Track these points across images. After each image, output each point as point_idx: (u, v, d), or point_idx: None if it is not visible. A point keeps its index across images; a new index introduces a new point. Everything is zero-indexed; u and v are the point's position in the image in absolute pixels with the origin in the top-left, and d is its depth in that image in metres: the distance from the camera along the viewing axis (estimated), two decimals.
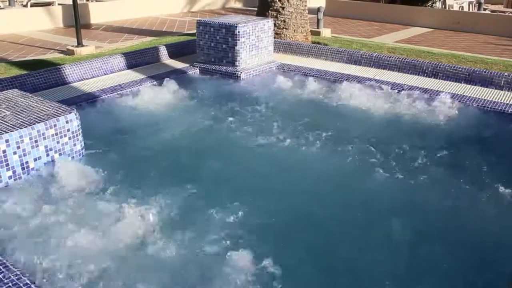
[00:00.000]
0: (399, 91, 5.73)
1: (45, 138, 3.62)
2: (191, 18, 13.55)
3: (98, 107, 5.21)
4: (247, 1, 17.23)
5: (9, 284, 2.29)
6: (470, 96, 5.54)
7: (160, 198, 3.36)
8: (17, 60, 8.10)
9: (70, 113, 3.80)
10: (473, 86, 5.93)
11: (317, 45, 7.82)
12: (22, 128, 3.48)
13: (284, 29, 8.91)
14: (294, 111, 5.35)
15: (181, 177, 3.69)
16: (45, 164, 3.66)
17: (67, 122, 3.75)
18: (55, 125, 3.67)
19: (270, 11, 8.93)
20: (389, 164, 4.02)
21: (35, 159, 3.59)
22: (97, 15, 12.58)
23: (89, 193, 3.41)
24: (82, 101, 5.21)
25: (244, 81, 6.34)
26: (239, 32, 6.30)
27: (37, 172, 3.60)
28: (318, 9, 10.74)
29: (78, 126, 3.86)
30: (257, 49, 6.67)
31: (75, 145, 3.86)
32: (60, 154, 3.76)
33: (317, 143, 4.42)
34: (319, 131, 4.66)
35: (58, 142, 3.72)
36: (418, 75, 6.38)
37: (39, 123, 3.59)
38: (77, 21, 8.83)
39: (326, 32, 10.75)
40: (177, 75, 6.32)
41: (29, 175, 3.56)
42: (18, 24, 11.05)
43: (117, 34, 10.87)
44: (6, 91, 4.26)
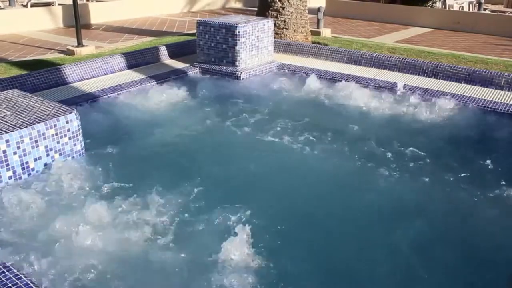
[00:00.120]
0: (398, 91, 5.73)
1: (45, 138, 3.62)
2: (191, 18, 13.55)
3: (98, 107, 5.21)
4: (247, 1, 17.23)
5: (9, 285, 2.29)
6: (470, 96, 5.54)
7: (160, 198, 3.36)
8: (17, 60, 8.10)
9: (70, 113, 3.80)
10: (473, 86, 5.93)
11: (317, 45, 7.82)
12: (22, 128, 3.48)
13: (284, 29, 8.91)
14: (294, 111, 5.35)
15: (181, 177, 3.69)
16: (45, 164, 3.66)
17: (67, 122, 3.75)
18: (55, 125, 3.67)
19: (270, 11, 8.93)
20: (389, 164, 4.02)
21: (35, 159, 3.59)
22: (97, 15, 12.59)
23: (89, 193, 3.41)
24: (82, 101, 5.21)
25: (244, 81, 6.34)
26: (239, 32, 6.30)
27: (37, 172, 3.60)
28: (318, 9, 10.74)
29: (78, 126, 3.86)
30: (257, 49, 6.67)
31: (75, 145, 3.86)
32: (60, 154, 3.77)
33: (317, 143, 4.42)
34: (319, 131, 4.66)
35: (58, 142, 3.72)
36: (418, 75, 6.38)
37: (39, 123, 3.59)
38: (77, 21, 8.83)
39: (326, 32, 10.76)
40: (177, 75, 6.33)
41: (29, 175, 3.56)
42: (18, 24, 11.05)
43: (117, 34, 10.87)
44: (6, 91, 4.26)
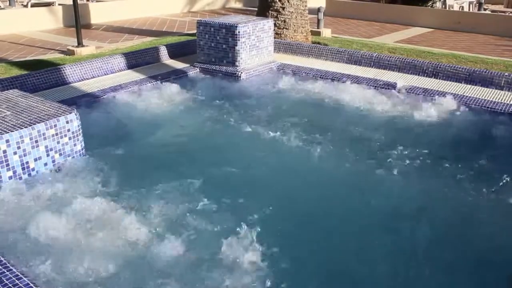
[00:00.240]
0: (398, 91, 5.73)
1: (45, 138, 3.62)
2: (191, 18, 13.55)
3: (99, 107, 5.21)
4: (247, 1, 17.23)
5: (9, 285, 2.29)
6: (470, 96, 5.54)
7: (160, 198, 3.37)
8: (17, 60, 8.10)
9: (71, 113, 3.80)
10: (473, 86, 5.93)
11: (317, 45, 7.82)
12: (22, 128, 3.48)
13: (285, 29, 8.91)
14: (294, 111, 5.35)
15: (181, 177, 3.69)
16: (45, 164, 3.66)
17: (67, 122, 3.75)
18: (55, 125, 3.67)
19: (270, 11, 8.93)
20: (389, 164, 4.02)
21: (35, 159, 3.59)
22: (98, 15, 12.59)
23: (89, 193, 3.41)
24: (82, 101, 5.21)
25: (245, 81, 6.34)
26: (239, 32, 6.30)
27: (37, 172, 3.60)
28: (318, 9, 10.74)
29: (79, 126, 3.86)
30: (257, 49, 6.67)
31: (75, 145, 3.86)
32: (61, 154, 3.76)
33: (317, 143, 4.41)
34: (319, 131, 4.66)
35: (58, 142, 3.72)
36: (419, 75, 6.38)
37: (39, 123, 3.59)
38: (77, 21, 8.83)
39: (326, 32, 10.76)
40: (177, 75, 6.33)
41: (29, 175, 3.56)
42: (18, 24, 11.05)
43: (117, 34, 10.87)
44: (7, 91, 4.26)
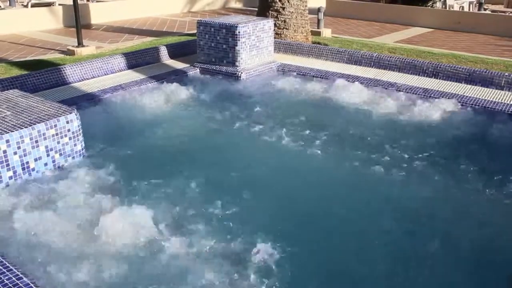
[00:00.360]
0: (399, 91, 5.73)
1: (45, 139, 3.62)
2: (191, 18, 13.55)
3: (99, 107, 5.21)
4: (247, 1, 17.23)
5: (10, 285, 2.29)
6: (470, 96, 5.54)
7: (160, 197, 3.37)
8: (17, 60, 8.10)
9: (71, 113, 3.80)
10: (473, 86, 5.93)
11: (318, 45, 7.82)
12: (22, 129, 3.48)
13: (285, 29, 8.91)
14: (294, 111, 5.35)
15: (181, 177, 3.69)
16: (46, 165, 3.66)
17: (67, 122, 3.75)
18: (55, 125, 3.67)
19: (270, 11, 8.93)
20: (389, 165, 4.02)
21: (35, 159, 3.59)
22: (98, 15, 12.59)
23: (90, 193, 3.41)
24: (82, 101, 5.21)
25: (245, 81, 6.34)
26: (239, 32, 6.30)
27: (37, 172, 3.60)
28: (319, 9, 10.74)
29: (79, 126, 3.86)
30: (257, 49, 6.67)
31: (75, 145, 3.86)
32: (61, 155, 3.77)
33: (317, 143, 4.41)
34: (319, 131, 4.66)
35: (58, 142, 3.72)
36: (419, 75, 6.37)
37: (39, 123, 3.59)
38: (77, 21, 8.83)
39: (326, 32, 10.76)
40: (177, 75, 6.33)
41: (29, 175, 3.56)
42: (18, 24, 11.05)
43: (117, 34, 10.87)
44: (7, 91, 4.27)
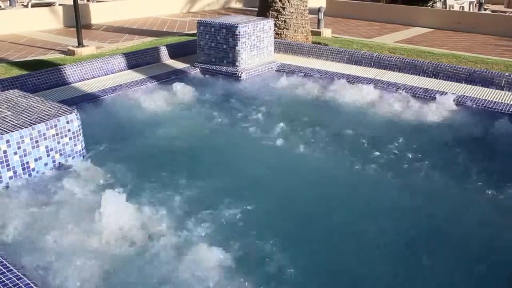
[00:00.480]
0: (399, 91, 5.73)
1: (45, 139, 3.62)
2: (191, 19, 13.55)
3: (99, 107, 5.21)
4: (247, 1, 17.23)
5: (10, 285, 2.29)
6: (470, 96, 5.53)
7: (160, 197, 3.37)
8: (17, 60, 8.10)
9: (71, 113, 3.80)
10: (473, 86, 5.93)
11: (318, 45, 7.82)
12: (22, 129, 3.48)
13: (285, 29, 8.91)
14: (294, 111, 5.35)
15: (181, 177, 3.69)
16: (46, 165, 3.66)
17: (67, 122, 3.75)
18: (55, 126, 3.67)
19: (270, 11, 8.93)
20: (389, 165, 4.02)
21: (35, 160, 3.59)
22: (98, 15, 12.59)
23: (90, 193, 3.41)
24: (82, 102, 5.21)
25: (245, 81, 6.34)
26: (239, 32, 6.30)
27: (37, 172, 3.60)
28: (319, 9, 10.74)
29: (79, 126, 3.86)
30: (257, 49, 6.67)
31: (75, 145, 3.86)
32: (61, 155, 3.77)
33: (317, 143, 4.42)
34: (319, 131, 4.66)
35: (58, 143, 3.72)
36: (419, 75, 6.37)
37: (39, 123, 3.59)
38: (77, 21, 8.83)
39: (326, 32, 10.76)
40: (177, 75, 6.33)
41: (29, 175, 3.56)
42: (18, 24, 11.05)
43: (117, 35, 10.87)
44: (7, 91, 4.26)
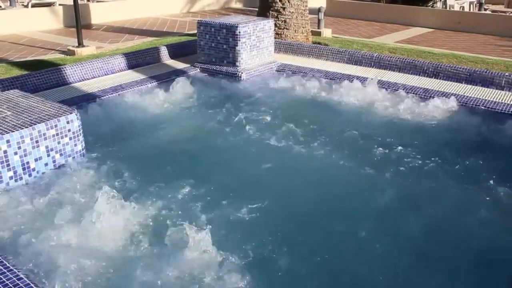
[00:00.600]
0: (399, 91, 5.73)
1: (46, 139, 3.62)
2: (191, 19, 13.55)
3: (99, 107, 5.21)
4: (247, 2, 17.23)
5: (10, 285, 2.29)
6: (471, 96, 5.53)
7: (160, 198, 3.37)
8: (18, 60, 8.10)
9: (71, 113, 3.80)
10: (474, 86, 5.93)
11: (318, 45, 7.82)
12: (23, 129, 3.48)
13: (285, 30, 8.91)
14: (294, 111, 5.35)
15: (181, 177, 3.69)
16: (46, 165, 3.66)
17: (68, 122, 3.75)
18: (56, 126, 3.67)
19: (270, 12, 8.93)
20: (389, 165, 4.02)
21: (36, 160, 3.59)
22: (98, 15, 12.60)
23: (90, 194, 3.41)
24: (83, 102, 5.21)
25: (245, 81, 6.34)
26: (239, 32, 6.30)
27: (38, 172, 3.60)
28: (319, 9, 10.74)
29: (79, 126, 3.87)
30: (257, 50, 6.67)
31: (76, 145, 3.86)
32: (61, 155, 3.77)
33: (317, 143, 4.41)
34: (320, 130, 4.66)
35: (59, 143, 3.72)
36: (419, 75, 6.37)
37: (40, 123, 3.59)
38: (78, 21, 8.83)
39: (326, 32, 10.75)
40: (177, 76, 6.32)
41: (30, 175, 3.56)
42: (19, 24, 11.06)
43: (117, 35, 10.87)
44: (7, 91, 4.27)
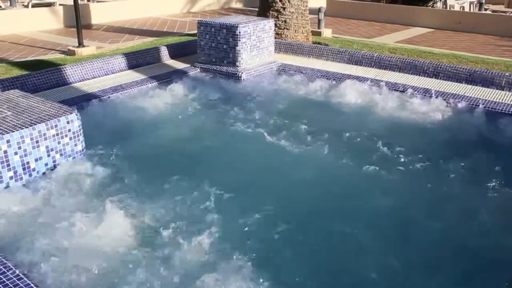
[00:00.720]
0: (400, 91, 5.73)
1: (46, 139, 3.62)
2: (192, 19, 13.55)
3: (99, 107, 5.21)
4: (248, 2, 17.22)
5: (10, 285, 2.29)
6: (471, 97, 5.53)
7: (159, 197, 3.37)
8: (18, 60, 8.10)
9: (71, 113, 3.80)
10: (474, 87, 5.93)
11: (318, 45, 7.82)
12: (23, 129, 3.48)
13: (285, 30, 8.91)
14: (294, 111, 5.35)
15: (181, 177, 3.69)
16: (46, 165, 3.66)
17: (68, 122, 3.75)
18: (56, 126, 3.67)
19: (271, 12, 8.93)
20: (389, 165, 4.02)
21: (36, 160, 3.59)
22: (98, 15, 12.60)
23: (90, 193, 3.41)
24: (83, 102, 5.21)
25: (245, 81, 6.34)
26: (240, 32, 6.30)
27: (38, 172, 3.60)
28: (319, 10, 10.73)
29: (79, 126, 3.87)
30: (258, 50, 6.67)
31: (76, 145, 3.86)
32: (61, 155, 3.77)
33: (317, 143, 4.41)
34: (320, 130, 4.66)
35: (59, 143, 3.72)
36: (419, 75, 6.37)
37: (40, 123, 3.59)
38: (78, 21, 8.83)
39: (327, 33, 10.75)
40: (178, 76, 6.32)
41: (30, 175, 3.56)
42: (19, 24, 11.06)
43: (118, 35, 10.87)
44: (7, 91, 4.27)
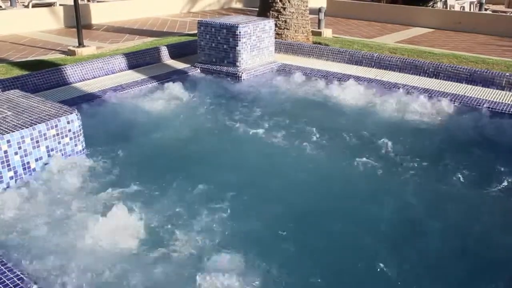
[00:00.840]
0: (400, 91, 5.72)
1: (46, 139, 3.62)
2: (192, 19, 13.55)
3: (99, 107, 5.21)
4: (248, 2, 17.23)
5: (10, 285, 2.29)
6: (471, 97, 5.53)
7: (160, 198, 3.37)
8: (18, 60, 8.10)
9: (71, 113, 3.80)
10: (474, 87, 5.93)
11: (318, 45, 7.82)
12: (23, 129, 3.48)
13: (285, 30, 8.91)
14: (294, 111, 5.35)
15: (182, 177, 3.69)
16: (46, 165, 3.66)
17: (68, 122, 3.75)
18: (56, 126, 3.67)
19: (271, 12, 8.93)
20: (389, 165, 4.02)
21: (36, 160, 3.59)
22: (98, 15, 12.60)
23: (90, 194, 3.41)
24: (83, 102, 5.22)
25: (245, 81, 6.34)
26: (240, 32, 6.30)
27: (38, 172, 3.60)
28: (319, 10, 10.73)
29: (79, 126, 3.87)
30: (258, 50, 6.67)
31: (76, 145, 3.86)
32: (62, 155, 3.77)
33: (317, 143, 4.41)
34: (320, 131, 4.66)
35: (59, 143, 3.72)
36: (419, 75, 6.37)
37: (40, 123, 3.59)
38: (78, 21, 8.83)
39: (327, 33, 10.75)
40: (178, 76, 6.32)
41: (30, 175, 3.56)
42: (19, 24, 11.06)
43: (118, 35, 10.87)
44: (8, 91, 4.27)
